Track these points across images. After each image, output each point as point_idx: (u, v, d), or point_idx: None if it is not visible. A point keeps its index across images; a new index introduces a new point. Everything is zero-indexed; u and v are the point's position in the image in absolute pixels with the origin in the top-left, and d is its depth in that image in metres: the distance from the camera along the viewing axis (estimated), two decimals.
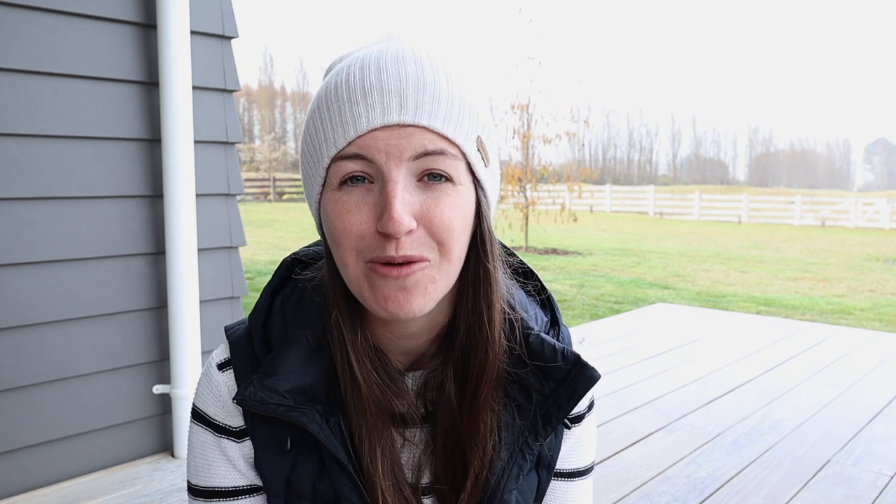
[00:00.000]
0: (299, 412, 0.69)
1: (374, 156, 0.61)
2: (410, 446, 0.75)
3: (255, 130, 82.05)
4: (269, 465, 0.73)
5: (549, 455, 0.78)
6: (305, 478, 0.72)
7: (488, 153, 0.67)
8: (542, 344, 0.73)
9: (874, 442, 2.94)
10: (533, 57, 12.61)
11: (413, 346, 0.74)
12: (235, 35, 2.78)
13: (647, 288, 8.34)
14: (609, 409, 3.32)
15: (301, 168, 0.69)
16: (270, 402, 0.69)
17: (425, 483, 0.75)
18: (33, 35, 2.28)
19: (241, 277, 2.88)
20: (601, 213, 26.35)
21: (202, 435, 0.76)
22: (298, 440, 0.72)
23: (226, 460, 0.75)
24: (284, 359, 0.70)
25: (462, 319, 0.70)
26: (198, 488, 0.76)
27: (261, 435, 0.73)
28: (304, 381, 0.70)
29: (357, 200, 0.62)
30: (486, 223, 0.68)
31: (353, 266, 0.63)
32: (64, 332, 2.41)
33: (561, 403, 0.72)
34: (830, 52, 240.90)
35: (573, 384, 0.72)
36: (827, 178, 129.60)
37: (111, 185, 2.49)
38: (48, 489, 2.38)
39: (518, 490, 0.74)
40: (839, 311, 7.07)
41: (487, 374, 0.70)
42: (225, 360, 0.76)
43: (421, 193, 0.62)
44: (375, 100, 0.61)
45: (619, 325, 5.29)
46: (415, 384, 0.74)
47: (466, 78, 0.67)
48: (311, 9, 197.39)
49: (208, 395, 0.76)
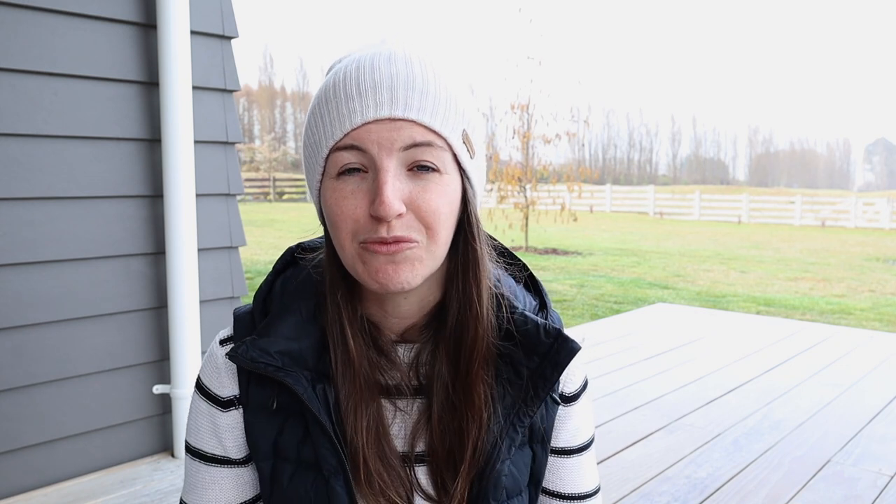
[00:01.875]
0: (286, 373, 0.74)
1: (368, 147, 0.67)
2: (404, 416, 0.79)
3: (255, 130, 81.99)
4: (258, 428, 0.79)
5: (541, 428, 0.82)
6: (291, 441, 0.77)
7: (474, 146, 0.73)
8: (525, 321, 0.78)
9: (874, 442, 2.94)
10: (533, 57, 12.60)
11: (405, 325, 0.79)
12: (235, 35, 2.78)
13: (647, 288, 8.34)
14: (609, 409, 3.32)
15: (303, 159, 0.76)
16: (260, 361, 0.74)
17: (419, 451, 0.79)
18: (33, 35, 2.28)
19: (241, 277, 2.88)
20: (601, 213, 26.35)
21: (197, 401, 0.84)
22: (286, 404, 0.77)
23: (211, 428, 0.82)
24: (278, 324, 0.76)
25: (453, 298, 0.76)
26: (189, 445, 0.85)
27: (254, 398, 0.79)
28: (294, 346, 0.76)
29: (353, 188, 0.69)
30: (473, 209, 0.74)
31: (348, 247, 0.70)
32: (64, 332, 2.41)
33: (546, 376, 0.77)
34: (830, 52, 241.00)
35: (556, 356, 0.77)
36: (827, 178, 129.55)
37: (111, 185, 2.49)
38: (48, 489, 2.38)
39: (511, 461, 0.79)
40: (839, 311, 7.07)
41: (478, 348, 0.76)
42: (228, 335, 0.83)
43: (410, 182, 0.68)
44: (369, 96, 0.67)
45: (619, 325, 5.29)
46: (407, 356, 0.80)
47: (453, 76, 0.72)
48: (311, 9, 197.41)
49: (208, 365, 0.83)
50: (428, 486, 0.78)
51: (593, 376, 3.86)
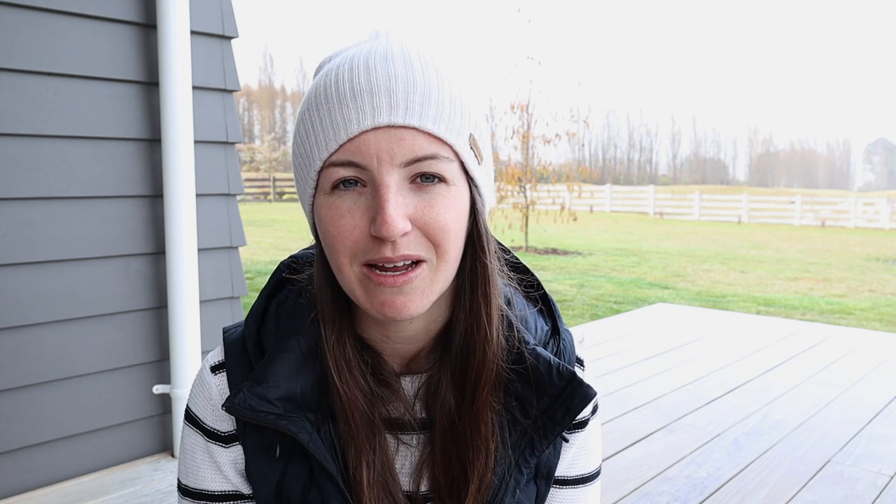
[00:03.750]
0: (289, 420, 0.68)
1: (366, 162, 0.60)
2: (408, 452, 0.73)
3: (255, 130, 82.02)
4: (259, 471, 0.73)
5: (547, 465, 0.77)
6: (295, 485, 0.71)
7: (481, 151, 0.67)
8: (537, 359, 0.72)
9: (874, 442, 2.94)
10: (533, 57, 12.61)
11: (410, 350, 0.73)
12: (235, 35, 2.78)
13: (647, 288, 8.34)
14: (609, 409, 3.32)
15: (294, 170, 0.69)
16: (260, 410, 0.68)
17: (424, 490, 0.73)
18: (33, 35, 2.28)
19: (241, 277, 2.88)
20: (601, 213, 26.34)
21: (192, 437, 0.76)
22: (289, 447, 0.71)
23: (213, 465, 0.75)
24: (276, 366, 0.69)
25: (460, 319, 0.69)
26: (187, 488, 0.77)
27: (252, 441, 0.73)
28: (295, 388, 0.69)
29: (350, 205, 0.61)
30: (482, 221, 0.68)
31: (347, 270, 0.63)
32: (64, 332, 2.41)
33: (556, 419, 0.71)
34: (830, 52, 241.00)
35: (568, 401, 0.71)
36: (827, 178, 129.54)
37: (111, 185, 2.49)
38: (48, 489, 2.38)
39: (516, 503, 0.73)
40: (839, 311, 7.07)
41: (486, 372, 0.69)
42: (219, 362, 0.76)
43: (414, 196, 0.61)
44: (365, 101, 0.59)
45: (619, 325, 5.29)
46: (413, 388, 0.73)
47: (457, 74, 0.65)
48: (311, 9, 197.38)
49: (200, 397, 0.76)
50: None
51: (594, 377, 3.85)
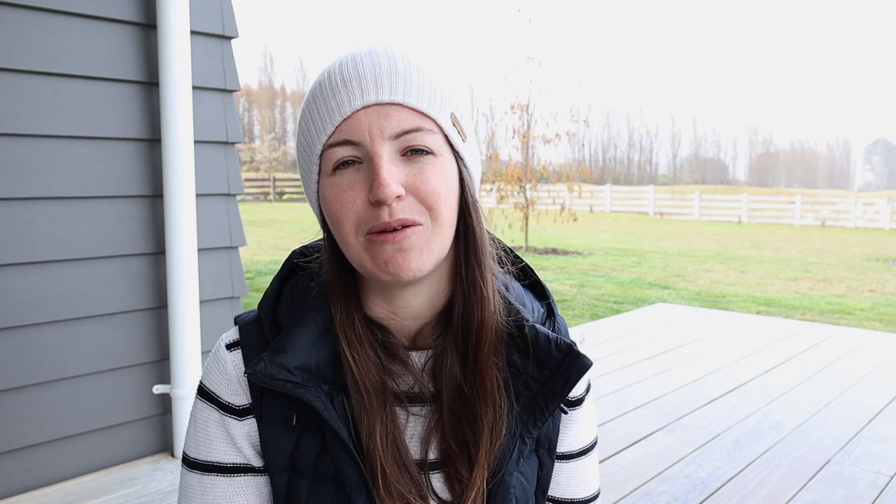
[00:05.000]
0: (305, 389, 0.72)
1: (360, 137, 0.68)
2: (416, 422, 0.78)
3: (255, 130, 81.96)
4: (274, 441, 0.76)
5: (547, 436, 0.82)
6: (308, 455, 0.75)
7: (464, 130, 0.74)
8: (536, 335, 0.77)
9: (874, 442, 2.94)
10: (533, 57, 12.61)
11: (416, 326, 0.78)
12: (235, 35, 2.78)
13: (647, 288, 8.34)
14: (609, 409, 3.32)
15: (298, 162, 0.76)
16: (279, 378, 0.72)
17: (433, 458, 0.77)
18: (33, 35, 2.28)
19: (241, 277, 2.88)
20: (601, 213, 26.34)
21: (206, 411, 0.79)
22: (304, 417, 0.75)
23: (227, 437, 0.77)
24: (294, 338, 0.74)
25: (458, 287, 0.76)
26: (196, 461, 0.78)
27: (268, 411, 0.76)
28: (312, 360, 0.74)
29: (350, 181, 0.69)
30: (470, 192, 0.74)
31: (353, 242, 0.70)
32: (64, 332, 2.41)
33: (556, 390, 0.76)
34: (830, 52, 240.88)
35: (567, 372, 0.76)
36: (827, 178, 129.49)
37: (111, 185, 2.49)
38: (48, 489, 2.38)
39: (520, 471, 0.78)
40: (839, 311, 7.07)
41: (486, 331, 0.75)
42: (234, 340, 0.80)
43: (406, 165, 0.69)
44: (354, 85, 0.68)
45: (619, 325, 5.29)
46: (420, 363, 0.78)
47: (436, 66, 0.73)
48: (311, 9, 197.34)
49: (215, 372, 0.79)
50: (443, 492, 0.77)
51: (593, 376, 3.85)
